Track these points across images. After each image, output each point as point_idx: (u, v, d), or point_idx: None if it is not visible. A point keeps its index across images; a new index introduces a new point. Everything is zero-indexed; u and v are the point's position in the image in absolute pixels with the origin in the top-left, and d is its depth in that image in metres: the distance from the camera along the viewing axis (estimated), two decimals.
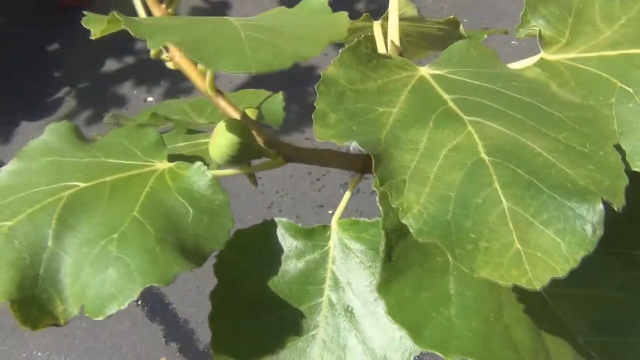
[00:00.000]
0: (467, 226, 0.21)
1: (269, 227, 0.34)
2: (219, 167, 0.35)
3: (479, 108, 0.24)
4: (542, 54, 0.30)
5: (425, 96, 0.25)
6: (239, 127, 0.32)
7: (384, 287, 0.26)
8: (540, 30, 0.30)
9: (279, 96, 0.44)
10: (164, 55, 0.35)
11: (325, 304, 0.32)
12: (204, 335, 0.95)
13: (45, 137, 0.34)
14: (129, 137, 0.34)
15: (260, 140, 0.35)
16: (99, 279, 0.27)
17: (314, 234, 0.33)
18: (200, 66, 0.35)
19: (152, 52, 0.35)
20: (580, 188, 0.21)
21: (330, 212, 1.05)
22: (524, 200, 0.21)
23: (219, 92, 0.35)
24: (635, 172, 0.27)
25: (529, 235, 0.21)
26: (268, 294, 0.32)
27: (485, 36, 0.40)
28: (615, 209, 0.21)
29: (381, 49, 0.34)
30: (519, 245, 0.21)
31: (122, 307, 0.26)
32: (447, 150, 0.23)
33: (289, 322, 0.32)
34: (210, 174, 0.31)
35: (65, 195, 0.30)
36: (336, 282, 0.32)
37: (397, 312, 0.25)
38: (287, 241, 0.33)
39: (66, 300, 0.28)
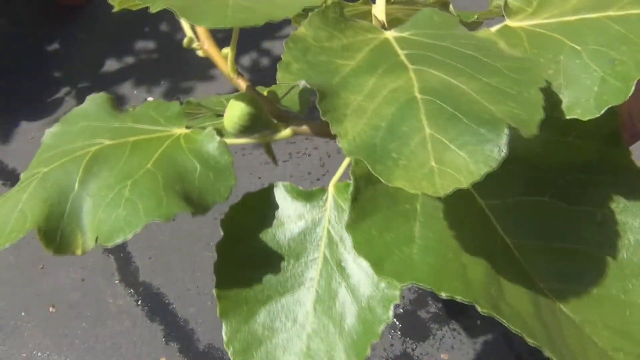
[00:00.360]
0: (390, 148, 0.24)
1: (273, 190, 0.38)
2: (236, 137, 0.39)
3: (425, 59, 0.27)
4: (506, 22, 0.32)
5: (382, 52, 0.28)
6: (249, 100, 0.37)
7: (352, 225, 0.29)
8: (507, 1, 0.31)
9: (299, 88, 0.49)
10: (195, 44, 0.41)
11: (321, 259, 0.35)
12: (204, 335, 0.95)
13: (85, 105, 0.40)
14: (156, 108, 0.39)
15: (269, 113, 0.39)
16: (111, 216, 0.32)
17: (313, 196, 0.37)
18: (224, 50, 0.40)
19: (185, 42, 0.41)
20: (495, 119, 0.24)
21: None
22: (445, 128, 0.24)
23: (239, 74, 0.40)
24: (608, 140, 0.30)
25: (443, 156, 0.24)
26: (270, 249, 0.36)
27: (476, 16, 0.42)
28: (523, 135, 0.24)
29: None
30: (433, 163, 0.24)
31: (127, 238, 0.31)
32: (387, 90, 0.26)
33: (288, 274, 0.36)
34: (218, 137, 0.36)
35: (93, 150, 0.36)
36: (331, 240, 0.35)
37: (362, 248, 0.29)
38: (289, 202, 0.37)
39: (85, 233, 0.33)
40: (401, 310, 0.96)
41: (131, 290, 1.01)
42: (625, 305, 0.29)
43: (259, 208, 0.37)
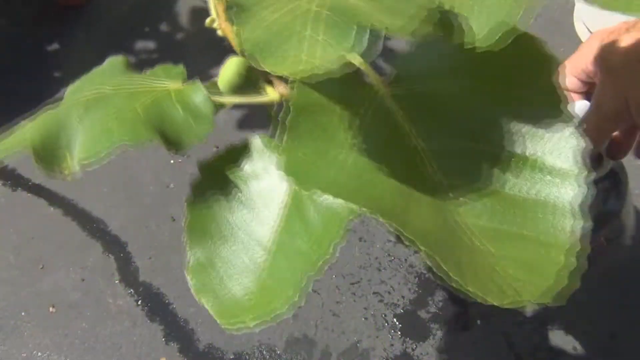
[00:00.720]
0: (276, 45, 0.29)
1: (251, 142, 0.41)
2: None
3: None
4: None
5: None
6: (243, 63, 0.41)
7: (284, 149, 0.31)
8: None
9: None
10: (215, 24, 0.44)
11: (287, 205, 0.39)
12: (204, 335, 0.95)
13: (104, 65, 0.46)
14: (165, 69, 0.44)
15: (261, 77, 0.42)
16: (95, 143, 0.37)
17: None
18: (234, 27, 0.43)
19: (208, 21, 0.44)
20: (371, 26, 0.28)
21: None
22: (324, 31, 0.28)
23: None
24: (545, 92, 0.32)
25: (315, 51, 0.28)
26: (242, 194, 0.40)
27: None
28: (402, 39, 0.28)
29: None
30: (304, 56, 0.28)
31: (100, 156, 0.36)
32: (291, 6, 0.30)
33: (254, 218, 0.39)
34: (205, 91, 0.40)
35: (95, 94, 0.41)
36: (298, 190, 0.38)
37: (290, 169, 0.31)
38: (266, 154, 0.40)
39: (73, 158, 0.37)
40: (401, 310, 0.96)
41: (131, 290, 1.02)
42: (542, 245, 0.30)
43: (237, 158, 0.41)
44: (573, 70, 0.44)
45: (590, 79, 0.43)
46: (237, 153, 0.41)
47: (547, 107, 0.32)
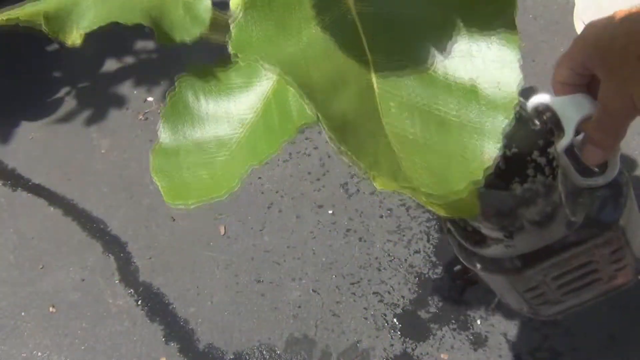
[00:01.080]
0: None
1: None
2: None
3: None
4: None
5: None
6: None
7: (237, 25, 0.33)
8: None
9: None
10: None
11: (259, 110, 0.42)
12: (204, 335, 0.95)
13: None
14: None
15: None
16: (94, 22, 0.40)
17: None
18: None
19: None
20: None
21: (330, 212, 1.05)
22: None
23: None
24: (503, 25, 0.33)
25: None
26: (222, 99, 0.43)
27: None
28: None
29: None
30: None
31: (92, 27, 0.39)
32: None
33: (228, 121, 0.43)
34: (210, 2, 0.42)
35: None
36: (279, 88, 0.41)
37: (241, 47, 0.33)
38: (251, 66, 0.43)
39: (78, 32, 0.41)
40: (401, 310, 0.96)
41: (131, 290, 1.02)
42: (464, 161, 0.32)
43: (226, 66, 0.43)
44: (570, 64, 0.44)
45: (588, 70, 0.43)
46: (226, 63, 0.44)
47: (499, 42, 0.34)
